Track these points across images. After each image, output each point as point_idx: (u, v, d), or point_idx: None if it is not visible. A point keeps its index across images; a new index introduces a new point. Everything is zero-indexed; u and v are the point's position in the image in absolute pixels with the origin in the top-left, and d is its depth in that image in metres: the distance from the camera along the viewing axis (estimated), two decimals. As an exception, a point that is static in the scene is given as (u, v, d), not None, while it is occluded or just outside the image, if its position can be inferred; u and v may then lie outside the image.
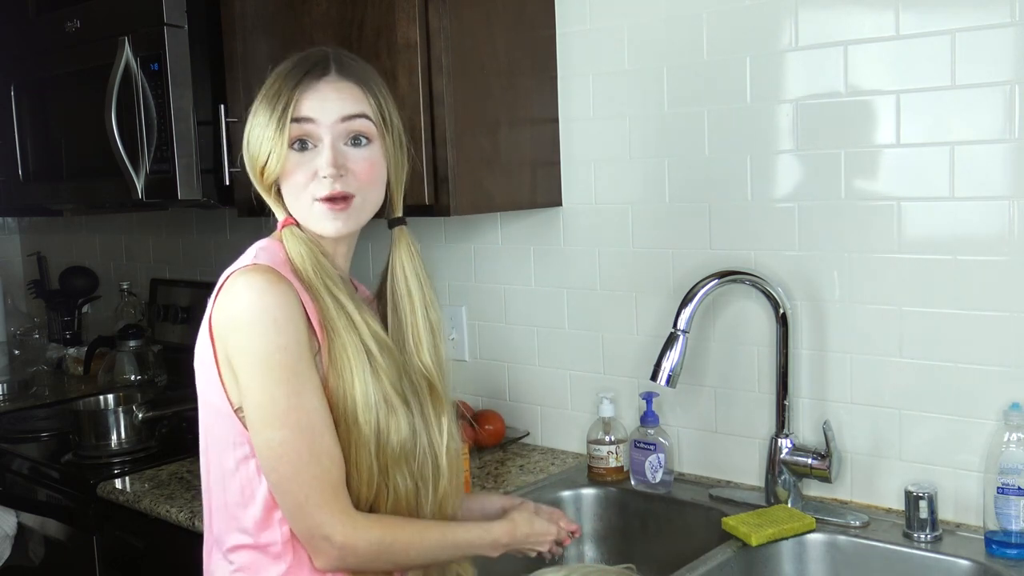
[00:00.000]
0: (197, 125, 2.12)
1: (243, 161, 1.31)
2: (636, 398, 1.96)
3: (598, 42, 1.97)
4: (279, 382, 1.19)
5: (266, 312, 1.19)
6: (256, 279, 1.21)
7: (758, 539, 1.59)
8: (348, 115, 1.27)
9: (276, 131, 1.25)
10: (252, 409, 1.22)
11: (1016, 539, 1.48)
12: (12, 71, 2.54)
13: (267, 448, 1.21)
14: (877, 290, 1.67)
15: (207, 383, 1.27)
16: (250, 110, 1.31)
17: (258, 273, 1.22)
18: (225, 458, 1.27)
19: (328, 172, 1.25)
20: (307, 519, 1.21)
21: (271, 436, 1.20)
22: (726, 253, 1.82)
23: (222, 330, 1.23)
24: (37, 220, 3.55)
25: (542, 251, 2.12)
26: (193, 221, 3.01)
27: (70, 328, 3.29)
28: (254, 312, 1.20)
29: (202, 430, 1.32)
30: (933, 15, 1.57)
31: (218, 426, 1.28)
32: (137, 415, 2.25)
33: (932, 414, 1.63)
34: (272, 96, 1.27)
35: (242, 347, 1.21)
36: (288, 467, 1.20)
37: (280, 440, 1.20)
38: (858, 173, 1.67)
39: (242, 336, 1.21)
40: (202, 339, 1.27)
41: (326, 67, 1.29)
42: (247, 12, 2.06)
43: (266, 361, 1.19)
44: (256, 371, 1.20)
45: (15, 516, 2.36)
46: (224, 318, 1.23)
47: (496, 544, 1.36)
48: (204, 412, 1.31)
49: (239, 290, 1.21)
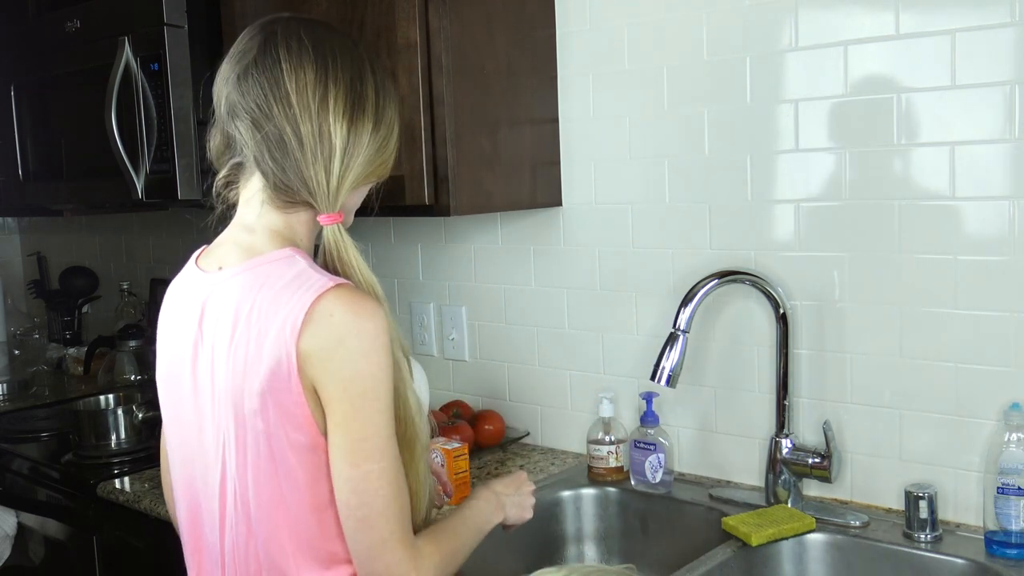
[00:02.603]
0: (197, 125, 2.12)
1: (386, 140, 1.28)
2: (636, 398, 1.96)
3: (598, 42, 1.97)
4: (382, 411, 1.16)
5: (378, 337, 1.15)
6: (360, 302, 1.16)
7: (758, 539, 1.59)
8: None
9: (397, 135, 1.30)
10: (353, 442, 1.15)
11: (1016, 539, 1.48)
12: (12, 71, 2.54)
13: (363, 482, 1.14)
14: (877, 290, 1.67)
15: (284, 417, 1.17)
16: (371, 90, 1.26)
17: (357, 295, 1.17)
18: (318, 495, 1.19)
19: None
20: (385, 556, 1.16)
21: (371, 469, 1.15)
22: (726, 253, 1.82)
23: (315, 359, 1.14)
24: (37, 220, 3.55)
25: (542, 251, 2.12)
26: (193, 221, 3.00)
27: (70, 328, 3.29)
28: (365, 338, 1.15)
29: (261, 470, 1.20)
30: (933, 15, 1.57)
31: (304, 463, 1.18)
32: (137, 415, 2.25)
33: (932, 414, 1.63)
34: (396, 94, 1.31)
35: (343, 375, 1.14)
36: (381, 501, 1.15)
37: (379, 472, 1.15)
38: (858, 173, 1.67)
39: (347, 363, 1.14)
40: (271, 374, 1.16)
41: None
42: (247, 12, 2.06)
43: (369, 389, 1.15)
44: (358, 401, 1.14)
45: (15, 516, 2.36)
46: (323, 345, 1.14)
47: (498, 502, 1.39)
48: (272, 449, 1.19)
49: (343, 314, 1.14)
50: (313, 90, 1.20)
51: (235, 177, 1.29)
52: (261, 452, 1.19)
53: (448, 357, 2.33)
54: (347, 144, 1.21)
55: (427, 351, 2.36)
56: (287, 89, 1.20)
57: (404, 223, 2.38)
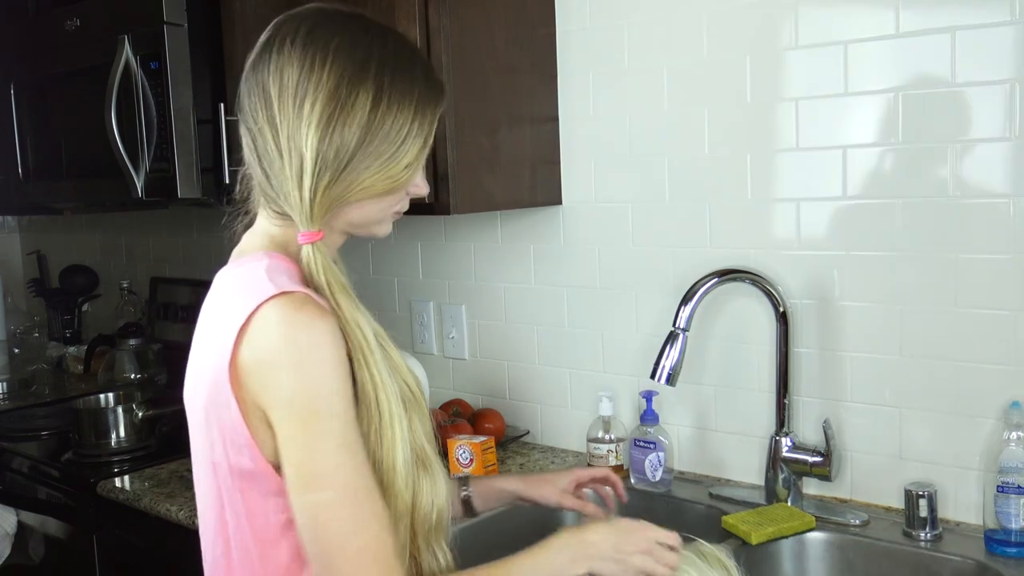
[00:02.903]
0: (197, 124, 2.12)
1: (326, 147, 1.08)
2: (636, 396, 1.96)
3: (598, 41, 1.97)
4: (324, 434, 1.01)
5: (314, 351, 1.02)
6: (298, 312, 1.03)
7: (758, 537, 1.59)
8: None
9: (422, 148, 1.13)
10: (292, 467, 1.03)
11: (1016, 537, 1.48)
12: (12, 70, 2.53)
13: (308, 515, 1.03)
14: (877, 289, 1.67)
15: (225, 441, 1.07)
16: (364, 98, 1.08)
17: (298, 304, 1.03)
18: (264, 528, 1.09)
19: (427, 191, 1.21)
20: None
21: (314, 499, 1.02)
22: (726, 251, 1.83)
23: (253, 373, 1.03)
24: (37, 219, 3.55)
25: (542, 250, 2.12)
26: (193, 220, 3.01)
27: (70, 327, 3.29)
28: (300, 351, 1.01)
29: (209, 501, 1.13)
30: (933, 13, 1.57)
31: (250, 491, 1.08)
32: (137, 414, 2.25)
33: (932, 413, 1.63)
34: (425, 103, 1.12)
35: (282, 394, 1.02)
36: (335, 536, 1.02)
37: (325, 503, 1.02)
38: (858, 172, 1.67)
39: (283, 379, 1.02)
40: (212, 386, 1.07)
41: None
42: (247, 11, 2.06)
43: (310, 408, 1.01)
44: (298, 422, 1.02)
45: (15, 515, 2.36)
46: (259, 358, 1.03)
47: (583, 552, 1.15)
48: (216, 478, 1.10)
49: (277, 324, 1.02)
50: (292, 95, 1.07)
51: None
52: (204, 472, 1.13)
53: (448, 356, 2.33)
54: (318, 156, 1.06)
55: (427, 350, 2.36)
56: (270, 93, 1.09)
57: (404, 221, 2.36)
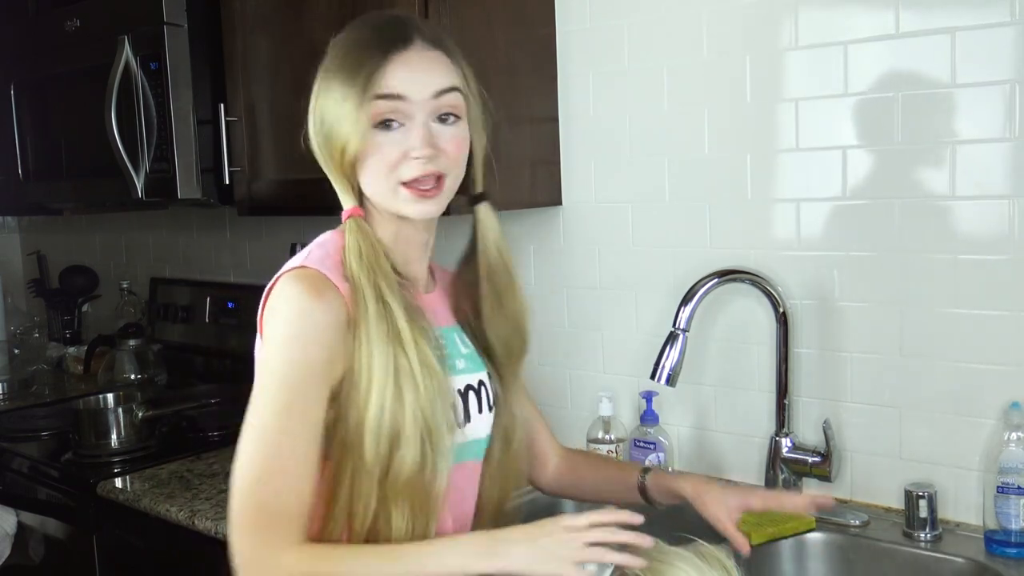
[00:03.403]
0: (197, 124, 2.12)
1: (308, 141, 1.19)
2: (636, 397, 1.96)
3: (598, 41, 1.97)
4: (276, 396, 1.10)
5: (298, 326, 1.10)
6: (298, 287, 1.11)
7: (758, 538, 1.58)
8: (441, 90, 1.14)
9: (357, 107, 1.11)
10: (245, 421, 1.12)
11: (1016, 538, 1.48)
12: (12, 70, 2.54)
13: (237, 455, 1.11)
14: (877, 290, 1.67)
15: None
16: (315, 83, 1.17)
17: (303, 280, 1.12)
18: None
19: (423, 153, 1.12)
20: (231, 537, 1.09)
21: (243, 446, 1.10)
22: (726, 252, 1.82)
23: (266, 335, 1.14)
24: (37, 219, 3.54)
25: (542, 250, 2.12)
26: (193, 220, 3.01)
27: (70, 327, 3.29)
28: (288, 326, 1.11)
29: None
30: (933, 14, 1.57)
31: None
32: (137, 414, 2.25)
33: (932, 413, 1.63)
34: (351, 67, 1.13)
35: (265, 357, 1.12)
36: (240, 482, 1.09)
37: (249, 453, 1.09)
38: (858, 172, 1.67)
39: (271, 346, 1.12)
40: (258, 342, 1.17)
41: (411, 33, 1.14)
42: (247, 11, 2.06)
43: (275, 373, 1.10)
44: (262, 381, 1.11)
45: (15, 515, 2.36)
46: (267, 324, 1.14)
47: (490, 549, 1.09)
48: None
49: (280, 298, 1.12)
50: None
51: None
52: None
53: (448, 356, 2.33)
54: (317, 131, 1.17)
55: (427, 350, 2.36)
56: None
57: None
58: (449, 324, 1.28)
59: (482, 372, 1.27)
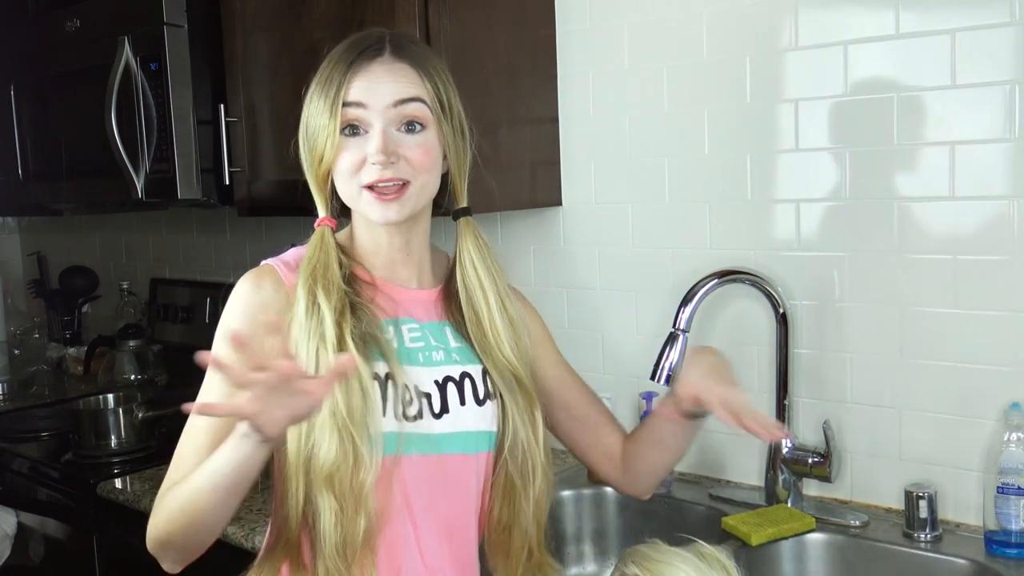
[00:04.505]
0: (197, 125, 2.12)
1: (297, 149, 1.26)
2: (636, 397, 1.96)
3: (598, 41, 1.97)
4: (206, 378, 1.18)
5: (230, 304, 1.21)
6: (245, 278, 1.24)
7: (758, 539, 1.59)
8: (401, 99, 1.20)
9: (329, 117, 1.19)
10: None
11: (1016, 539, 1.48)
12: (12, 71, 2.54)
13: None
14: (877, 290, 1.67)
15: None
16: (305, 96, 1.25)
17: (252, 272, 1.24)
18: None
19: (377, 159, 1.18)
20: None
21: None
22: (726, 252, 1.82)
23: None
24: (37, 220, 3.55)
25: (542, 250, 2.12)
26: (193, 221, 3.01)
27: (70, 328, 3.29)
28: (226, 308, 1.22)
29: None
30: (933, 15, 1.57)
31: None
32: (137, 415, 2.25)
33: (932, 414, 1.63)
34: (325, 80, 1.22)
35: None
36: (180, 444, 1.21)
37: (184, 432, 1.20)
38: (858, 172, 1.67)
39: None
40: None
41: (380, 48, 1.22)
42: (247, 11, 2.07)
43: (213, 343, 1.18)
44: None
45: (15, 515, 2.36)
46: None
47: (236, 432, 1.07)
48: None
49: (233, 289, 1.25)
50: None
51: None
52: None
53: (448, 357, 2.33)
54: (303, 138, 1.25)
55: (427, 351, 2.36)
56: None
57: (404, 223, 2.38)
58: (441, 319, 1.31)
59: (471, 366, 1.28)
